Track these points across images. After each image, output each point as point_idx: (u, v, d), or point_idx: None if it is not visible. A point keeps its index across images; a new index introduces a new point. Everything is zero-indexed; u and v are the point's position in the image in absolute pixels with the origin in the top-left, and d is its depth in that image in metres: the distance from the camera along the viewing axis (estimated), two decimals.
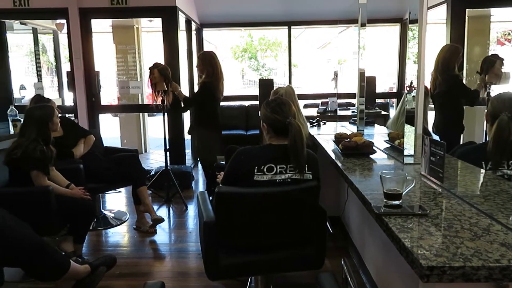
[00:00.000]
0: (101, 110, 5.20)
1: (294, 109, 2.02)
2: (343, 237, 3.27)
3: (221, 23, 6.59)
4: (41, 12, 4.88)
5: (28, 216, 2.27)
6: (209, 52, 4.13)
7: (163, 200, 4.38)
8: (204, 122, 4.09)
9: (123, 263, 2.98)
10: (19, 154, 2.55)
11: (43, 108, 2.78)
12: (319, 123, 3.80)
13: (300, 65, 7.30)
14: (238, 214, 1.94)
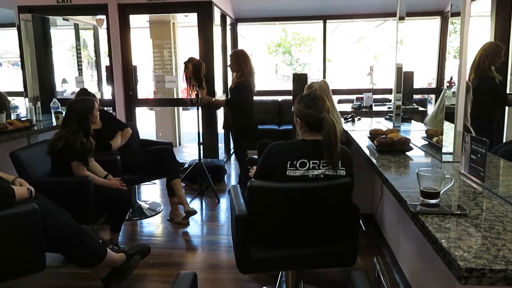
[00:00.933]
0: (138, 104, 5.33)
1: (328, 104, 1.99)
2: (376, 235, 3.21)
3: (256, 17, 6.59)
4: (83, 8, 5.05)
5: (68, 204, 2.37)
6: (241, 50, 4.16)
7: (196, 193, 4.45)
8: (241, 117, 4.15)
9: (157, 253, 3.05)
10: (61, 145, 2.66)
11: (84, 102, 2.87)
12: (353, 119, 3.74)
13: (335, 60, 7.19)
14: (270, 208, 1.94)
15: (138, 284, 2.60)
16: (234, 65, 4.06)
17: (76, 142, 2.65)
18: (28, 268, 1.97)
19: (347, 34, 7.89)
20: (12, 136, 3.00)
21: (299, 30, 13.55)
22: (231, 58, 4.09)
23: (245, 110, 4.15)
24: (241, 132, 4.21)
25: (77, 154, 2.68)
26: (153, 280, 2.70)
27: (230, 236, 3.35)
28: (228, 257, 3.00)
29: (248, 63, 4.05)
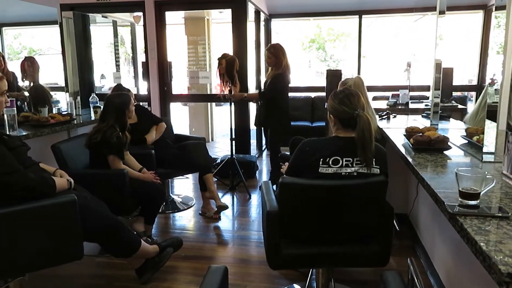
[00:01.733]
0: (172, 99, 5.42)
1: (363, 101, 1.95)
2: (410, 236, 3.13)
3: (290, 13, 6.54)
4: (121, 5, 5.18)
5: (105, 196, 2.44)
6: (278, 44, 4.12)
7: (228, 188, 4.49)
8: (276, 111, 4.14)
9: (189, 246, 3.11)
10: (99, 139, 2.75)
11: (121, 97, 2.96)
12: (388, 116, 3.65)
13: (370, 56, 7.03)
14: (301, 205, 1.93)
15: (169, 276, 2.66)
16: (272, 58, 4.03)
17: (112, 136, 2.73)
18: (66, 256, 2.05)
19: (383, 29, 7.69)
20: (54, 129, 3.13)
21: (334, 26, 13.34)
22: (269, 52, 4.05)
23: (280, 104, 4.11)
24: (277, 127, 4.18)
25: (114, 148, 2.76)
26: (184, 273, 2.75)
27: (261, 232, 3.36)
28: (259, 252, 3.01)
29: (285, 57, 4.05)
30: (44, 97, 3.84)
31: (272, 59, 4.02)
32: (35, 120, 3.13)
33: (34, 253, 1.92)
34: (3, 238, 1.82)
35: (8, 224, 1.83)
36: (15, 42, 4.81)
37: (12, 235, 1.84)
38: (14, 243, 1.85)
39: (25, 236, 1.87)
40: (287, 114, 4.20)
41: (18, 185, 1.84)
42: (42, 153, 2.87)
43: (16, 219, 1.84)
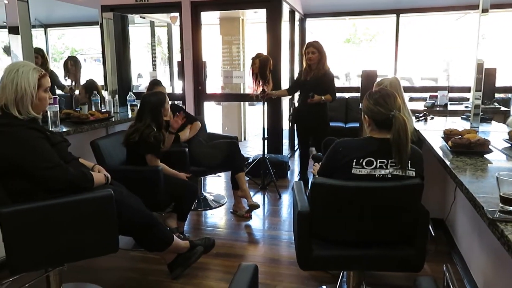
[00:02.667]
0: (206, 98, 5.50)
1: (399, 102, 1.90)
2: (446, 241, 3.03)
3: (326, 12, 6.47)
4: (158, 6, 5.31)
5: (140, 192, 2.51)
6: (318, 41, 4.09)
7: (259, 187, 4.50)
8: (327, 112, 4.16)
9: (220, 243, 3.14)
10: (137, 139, 2.82)
11: (157, 95, 3.02)
12: (425, 118, 3.54)
13: (407, 56, 6.85)
14: (333, 206, 1.91)
15: (200, 273, 2.70)
16: (316, 53, 3.98)
17: (150, 136, 2.80)
18: (102, 249, 2.13)
19: (422, 28, 7.48)
20: (93, 126, 3.24)
21: (370, 25, 13.09)
22: (313, 47, 3.99)
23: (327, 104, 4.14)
24: (326, 126, 4.18)
25: (151, 147, 2.84)
26: (215, 270, 2.78)
27: (292, 232, 3.35)
28: (289, 252, 3.00)
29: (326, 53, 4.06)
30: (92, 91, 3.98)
31: (316, 54, 3.98)
32: (75, 117, 3.26)
33: (72, 245, 2.00)
34: (45, 230, 1.91)
35: (49, 216, 1.92)
36: (58, 43, 5.02)
37: (53, 227, 1.93)
38: (55, 234, 1.94)
39: (64, 228, 1.95)
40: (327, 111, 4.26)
41: (59, 179, 1.92)
42: (82, 149, 2.98)
43: (57, 211, 1.93)
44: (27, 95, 1.92)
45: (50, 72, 3.92)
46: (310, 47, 4.01)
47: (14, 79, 1.90)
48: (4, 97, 1.91)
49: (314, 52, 3.97)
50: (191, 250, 2.59)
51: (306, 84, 4.14)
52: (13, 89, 1.90)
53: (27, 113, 1.94)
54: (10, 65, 1.98)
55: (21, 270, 1.96)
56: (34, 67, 1.98)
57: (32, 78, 1.93)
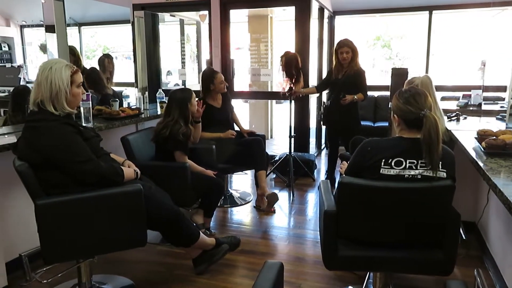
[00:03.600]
0: (234, 96, 5.52)
1: (430, 101, 1.86)
2: (478, 245, 2.94)
3: (356, 9, 6.37)
4: (188, 4, 5.38)
5: (168, 187, 2.56)
6: (349, 39, 4.04)
7: (285, 185, 4.50)
8: (357, 109, 4.15)
9: (245, 240, 3.15)
10: (167, 134, 2.88)
11: (183, 91, 3.09)
12: (458, 118, 3.44)
13: (440, 54, 6.65)
14: (360, 206, 1.89)
15: (225, 269, 2.72)
16: (350, 53, 3.93)
17: (179, 133, 2.86)
18: (131, 242, 2.18)
19: (455, 25, 7.24)
20: (123, 122, 3.32)
21: (401, 22, 12.77)
22: (347, 46, 3.94)
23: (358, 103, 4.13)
24: (358, 126, 4.17)
25: (180, 144, 2.89)
26: (240, 266, 2.80)
27: (317, 231, 3.33)
28: (314, 251, 2.98)
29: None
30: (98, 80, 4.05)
31: (350, 54, 3.93)
32: (107, 113, 3.34)
33: (103, 237, 2.06)
34: (77, 222, 1.98)
35: (82, 209, 1.99)
36: (91, 41, 5.16)
37: (85, 219, 1.99)
38: (86, 227, 2.00)
39: (95, 220, 2.02)
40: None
41: (91, 172, 1.98)
42: (112, 144, 3.05)
43: (88, 204, 2.00)
44: (62, 92, 1.99)
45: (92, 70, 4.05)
46: (344, 47, 3.94)
47: (48, 76, 1.97)
48: (40, 94, 1.99)
49: (348, 52, 3.92)
50: (217, 247, 2.62)
51: (338, 82, 4.08)
52: (48, 86, 1.97)
53: (63, 109, 2.01)
54: (44, 63, 2.04)
55: (55, 260, 2.04)
56: (66, 63, 2.04)
57: (65, 74, 2.00)
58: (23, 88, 3.90)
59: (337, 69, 4.08)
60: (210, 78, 3.76)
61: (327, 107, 4.31)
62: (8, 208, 2.54)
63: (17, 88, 3.85)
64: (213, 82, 3.74)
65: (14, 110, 3.50)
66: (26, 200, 2.51)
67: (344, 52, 3.92)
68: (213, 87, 3.74)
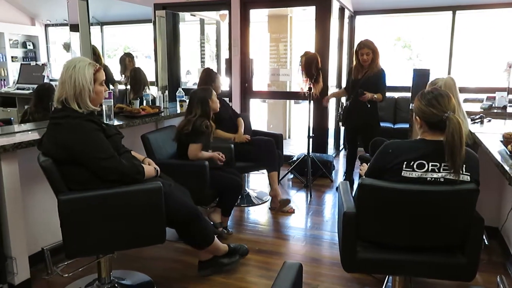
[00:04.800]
0: (252, 95, 5.53)
1: (454, 103, 1.82)
2: (501, 252, 2.87)
3: (377, 9, 6.29)
4: (208, 4, 5.41)
5: (186, 186, 2.58)
6: (370, 39, 3.98)
7: (303, 185, 4.48)
8: (377, 110, 4.09)
9: (261, 240, 3.17)
10: (190, 129, 2.90)
11: (204, 90, 3.12)
12: (482, 120, 3.36)
13: (462, 54, 6.51)
14: (381, 209, 1.86)
15: (242, 268, 2.73)
16: (370, 54, 3.87)
17: (202, 125, 2.89)
18: (150, 239, 2.20)
19: (479, 25, 7.08)
20: (144, 121, 3.36)
21: (422, 22, 12.57)
22: (368, 48, 3.87)
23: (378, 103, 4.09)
24: (378, 126, 4.11)
25: (203, 136, 2.91)
26: (256, 266, 2.79)
27: (335, 233, 3.31)
28: (331, 253, 2.96)
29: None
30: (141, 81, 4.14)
31: (371, 55, 3.87)
32: (128, 111, 3.39)
33: (122, 234, 2.09)
34: (98, 218, 2.01)
35: (103, 205, 2.02)
36: (112, 40, 5.24)
37: (106, 215, 2.03)
38: (107, 223, 2.03)
39: (116, 217, 2.04)
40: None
41: (113, 169, 2.01)
42: (133, 142, 3.10)
43: (110, 201, 2.02)
44: (85, 90, 2.02)
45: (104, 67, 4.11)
46: (364, 48, 3.87)
47: (72, 75, 2.01)
48: (64, 92, 2.02)
49: (369, 53, 3.86)
50: (228, 255, 2.62)
51: (357, 83, 4.01)
52: (72, 84, 2.00)
53: (86, 106, 2.05)
54: (68, 61, 2.08)
55: (76, 255, 2.08)
56: (89, 62, 2.08)
57: (88, 73, 2.03)
58: (48, 86, 4.00)
59: (357, 69, 4.03)
60: (211, 78, 3.73)
61: (346, 108, 4.25)
62: (31, 202, 2.61)
63: (43, 85, 3.94)
64: (215, 81, 3.73)
65: (36, 106, 3.60)
66: (48, 195, 2.57)
67: (364, 53, 3.86)
68: (213, 85, 3.71)
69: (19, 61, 7.60)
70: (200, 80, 3.84)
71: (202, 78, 3.82)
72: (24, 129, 2.91)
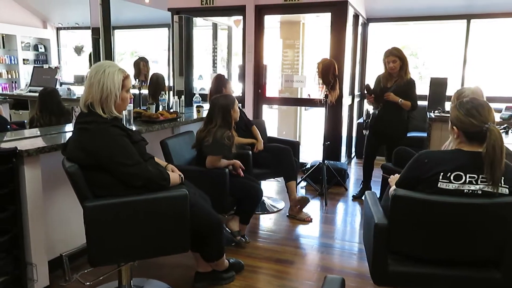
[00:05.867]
0: (265, 102, 5.51)
1: (493, 113, 1.78)
2: None
3: (390, 17, 6.26)
4: (223, 9, 5.38)
5: (206, 193, 2.54)
6: (398, 47, 3.91)
7: (317, 193, 4.43)
8: (407, 119, 4.03)
9: (279, 249, 3.12)
10: (211, 141, 2.82)
11: (226, 98, 3.05)
12: (507, 130, 3.32)
13: (475, 63, 6.45)
14: (415, 221, 1.82)
15: (254, 275, 2.70)
16: (397, 62, 3.80)
17: (223, 137, 2.80)
18: (174, 248, 2.16)
19: (493, 34, 7.04)
20: (163, 126, 3.32)
21: (436, 30, 12.52)
22: (393, 55, 3.79)
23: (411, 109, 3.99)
24: (405, 136, 4.05)
25: (224, 149, 2.82)
26: (268, 274, 2.75)
27: (353, 242, 3.26)
28: (352, 264, 2.92)
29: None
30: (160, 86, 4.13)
31: (398, 62, 3.79)
32: (146, 116, 3.36)
33: (147, 242, 2.05)
34: (124, 225, 1.97)
35: (128, 212, 1.98)
36: (120, 44, 5.23)
37: (131, 223, 1.99)
38: (132, 230, 2.00)
39: (141, 224, 2.01)
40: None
41: (139, 176, 1.98)
42: (150, 147, 3.04)
43: (135, 208, 1.99)
44: (112, 95, 1.99)
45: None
46: (390, 56, 3.80)
47: (101, 79, 1.98)
48: (90, 96, 1.99)
49: (395, 60, 3.78)
50: (226, 271, 2.57)
51: (387, 92, 3.92)
52: (99, 89, 1.97)
53: (110, 112, 2.01)
54: (97, 65, 2.05)
55: (100, 263, 2.03)
56: (119, 68, 2.05)
57: (117, 79, 2.00)
58: (51, 89, 3.94)
59: (386, 78, 3.95)
60: (223, 82, 3.74)
61: (375, 116, 4.15)
62: (51, 208, 2.57)
63: (45, 89, 3.85)
64: (226, 87, 3.70)
65: (41, 111, 3.56)
66: (67, 200, 2.55)
67: (391, 61, 3.80)
68: (225, 90, 3.68)
69: (31, 64, 7.62)
70: (212, 86, 3.82)
71: (213, 84, 3.80)
72: (37, 133, 2.85)
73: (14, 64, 7.60)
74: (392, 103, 3.87)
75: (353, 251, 3.13)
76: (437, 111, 4.49)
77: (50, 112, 3.48)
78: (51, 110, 3.47)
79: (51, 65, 7.57)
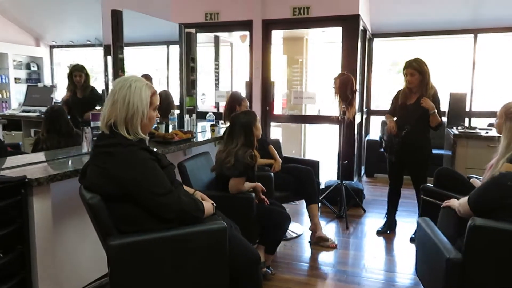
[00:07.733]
0: (273, 119, 5.29)
1: None
2: None
3: (396, 32, 6.16)
4: (229, 25, 5.20)
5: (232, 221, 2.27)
6: (420, 58, 3.49)
7: (335, 216, 4.18)
8: (430, 140, 3.61)
9: (307, 280, 2.86)
10: (233, 161, 2.57)
11: (247, 114, 2.80)
12: None
13: (484, 77, 6.35)
14: (497, 254, 1.58)
15: None
16: (416, 75, 3.37)
17: (246, 156, 2.56)
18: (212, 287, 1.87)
19: (500, 47, 6.98)
20: (179, 147, 3.06)
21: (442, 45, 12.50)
22: (412, 67, 3.38)
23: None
24: (429, 156, 3.62)
25: (247, 168, 2.59)
26: None
27: (390, 272, 3.01)
28: None
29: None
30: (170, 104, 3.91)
31: (416, 75, 3.35)
32: (160, 137, 3.09)
33: (181, 282, 1.76)
34: (154, 265, 1.69)
35: (159, 249, 1.70)
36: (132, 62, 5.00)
37: (163, 262, 1.70)
38: (164, 270, 1.71)
39: (175, 263, 1.73)
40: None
41: (173, 207, 1.71)
42: None
43: (167, 245, 1.71)
44: (138, 114, 1.73)
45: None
46: (408, 68, 3.39)
47: (126, 95, 1.72)
48: (114, 115, 1.73)
49: (413, 74, 3.35)
50: None
51: (407, 110, 3.49)
52: (124, 106, 1.71)
53: (135, 133, 1.75)
54: (122, 79, 1.80)
55: None
56: (146, 83, 1.80)
57: (145, 95, 1.75)
58: (58, 107, 3.63)
59: (405, 94, 3.52)
60: (237, 99, 3.62)
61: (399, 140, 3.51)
62: (58, 243, 2.25)
63: (52, 108, 3.55)
64: (241, 105, 3.57)
65: (48, 132, 3.24)
66: (76, 233, 2.25)
67: (408, 73, 3.40)
68: (238, 108, 3.51)
69: (22, 83, 7.29)
70: (226, 105, 3.66)
71: (228, 102, 3.64)
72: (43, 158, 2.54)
73: (5, 83, 7.26)
74: (419, 123, 3.45)
75: (392, 282, 2.87)
76: (460, 127, 4.33)
77: (58, 133, 3.17)
78: (58, 131, 3.17)
79: (47, 84, 7.25)
